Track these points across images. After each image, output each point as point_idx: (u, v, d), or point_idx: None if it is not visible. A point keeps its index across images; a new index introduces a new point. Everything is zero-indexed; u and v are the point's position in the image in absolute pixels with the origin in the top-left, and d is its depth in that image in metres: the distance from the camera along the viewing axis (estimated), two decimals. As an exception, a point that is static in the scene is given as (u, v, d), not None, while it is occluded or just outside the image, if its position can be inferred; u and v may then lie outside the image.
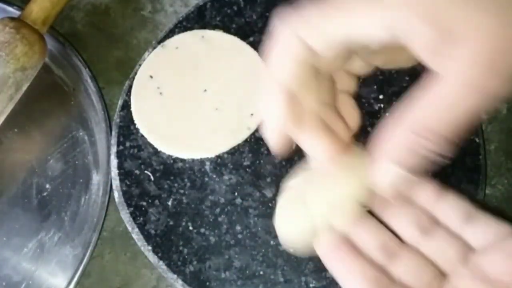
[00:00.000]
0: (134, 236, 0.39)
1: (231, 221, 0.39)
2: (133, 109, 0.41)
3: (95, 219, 0.40)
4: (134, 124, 0.41)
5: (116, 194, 0.40)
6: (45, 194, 0.42)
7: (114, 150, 0.41)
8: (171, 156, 0.40)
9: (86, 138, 0.43)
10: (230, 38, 0.43)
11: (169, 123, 0.41)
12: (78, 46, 0.46)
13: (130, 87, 0.42)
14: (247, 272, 0.37)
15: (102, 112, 0.43)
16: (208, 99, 0.41)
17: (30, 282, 0.40)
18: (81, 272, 0.39)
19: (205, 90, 0.41)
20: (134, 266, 0.40)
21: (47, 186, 0.42)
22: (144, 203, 0.39)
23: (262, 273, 0.37)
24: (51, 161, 0.43)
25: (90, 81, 0.43)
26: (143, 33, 0.47)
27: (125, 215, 0.39)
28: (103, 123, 0.42)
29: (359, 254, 0.26)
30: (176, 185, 0.40)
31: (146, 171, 0.40)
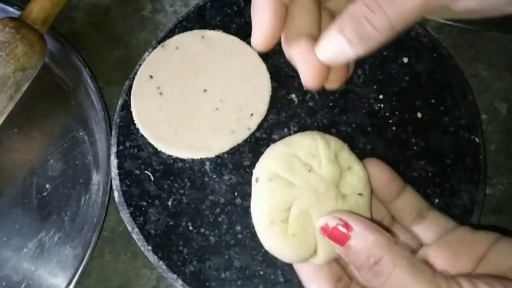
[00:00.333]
0: (134, 236, 0.39)
1: (231, 221, 0.39)
2: (133, 109, 0.41)
3: (95, 219, 0.40)
4: (134, 124, 0.41)
5: (116, 194, 0.40)
6: (45, 194, 0.42)
7: (114, 150, 0.41)
8: (171, 156, 0.40)
9: (86, 138, 0.43)
10: (230, 38, 0.43)
11: (169, 123, 0.41)
12: (78, 46, 0.46)
13: (130, 87, 0.42)
14: (247, 272, 0.37)
15: (102, 112, 0.43)
16: (208, 99, 0.41)
17: (30, 282, 0.40)
18: (81, 272, 0.39)
19: (205, 90, 0.41)
20: (134, 266, 0.40)
21: (47, 186, 0.42)
22: (144, 203, 0.39)
23: (262, 273, 0.37)
24: (51, 161, 0.43)
25: (90, 81, 0.43)
26: (143, 33, 0.47)
27: (125, 215, 0.39)
28: (103, 123, 0.42)
29: None
30: (176, 185, 0.40)
31: (146, 171, 0.40)
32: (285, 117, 0.41)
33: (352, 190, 0.30)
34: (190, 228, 0.39)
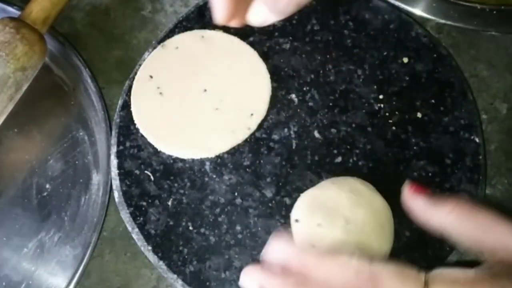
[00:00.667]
0: (134, 236, 0.39)
1: (231, 221, 0.39)
2: (133, 109, 0.41)
3: (95, 219, 0.40)
4: (134, 124, 0.41)
5: (116, 194, 0.40)
6: (45, 194, 0.42)
7: (114, 150, 0.41)
8: (171, 156, 0.40)
9: (86, 138, 0.43)
10: (230, 38, 0.43)
11: (169, 123, 0.41)
12: (78, 46, 0.46)
13: (130, 87, 0.42)
14: (247, 272, 0.37)
15: (102, 112, 0.43)
16: (208, 99, 0.41)
17: (30, 282, 0.40)
18: (81, 272, 0.39)
19: (205, 90, 0.41)
20: (134, 266, 0.40)
21: (47, 186, 0.42)
22: (144, 203, 0.39)
23: (262, 273, 0.37)
24: (51, 161, 0.43)
25: (90, 81, 0.43)
26: (143, 33, 0.47)
27: (125, 215, 0.39)
28: (103, 123, 0.42)
29: None
30: (176, 185, 0.40)
31: (146, 171, 0.40)
32: (285, 117, 0.41)
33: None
34: (190, 228, 0.39)
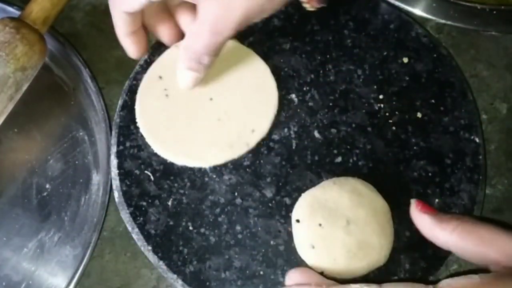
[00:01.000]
0: (134, 236, 0.39)
1: (231, 221, 0.39)
2: (136, 107, 0.41)
3: (95, 219, 0.40)
4: (134, 124, 0.41)
5: (116, 194, 0.40)
6: (45, 194, 0.42)
7: (114, 150, 0.41)
8: (171, 156, 0.40)
9: (86, 138, 0.43)
10: (245, 50, 0.42)
11: (169, 127, 0.40)
12: (78, 46, 0.46)
13: (130, 87, 0.42)
14: (247, 272, 0.37)
15: (102, 112, 0.43)
16: (212, 109, 0.41)
17: (30, 282, 0.40)
18: (81, 272, 0.39)
19: (211, 99, 0.41)
20: (134, 266, 0.40)
21: (47, 186, 0.42)
22: (144, 203, 0.39)
23: (262, 273, 0.37)
24: (51, 161, 0.43)
25: (90, 81, 0.43)
26: (143, 33, 0.47)
27: (125, 215, 0.39)
28: (103, 123, 0.42)
29: None
30: (176, 185, 0.40)
31: (146, 171, 0.40)
32: (285, 117, 0.41)
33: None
34: (190, 228, 0.39)
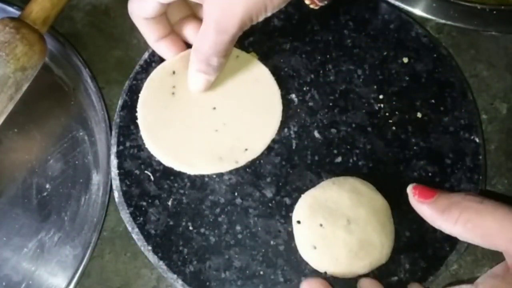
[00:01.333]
0: (134, 236, 0.39)
1: (231, 221, 0.39)
2: (141, 95, 0.40)
3: (95, 219, 0.40)
4: (134, 124, 0.41)
5: (116, 194, 0.40)
6: (45, 194, 0.42)
7: (114, 150, 0.41)
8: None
9: (86, 138, 0.43)
10: (261, 68, 0.41)
11: (165, 125, 0.39)
12: (78, 46, 0.46)
13: (130, 87, 0.42)
14: (247, 272, 0.37)
15: (102, 112, 0.43)
16: (213, 118, 0.40)
17: (30, 282, 0.40)
18: (81, 272, 0.39)
19: (214, 108, 0.40)
20: (134, 266, 0.40)
21: (47, 186, 0.42)
22: (144, 203, 0.39)
23: (262, 273, 0.37)
24: (51, 161, 0.43)
25: (90, 81, 0.43)
26: (143, 33, 0.47)
27: (125, 215, 0.39)
28: (103, 123, 0.42)
29: None
30: (176, 185, 0.40)
31: (146, 171, 0.40)
32: (285, 117, 0.41)
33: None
34: (190, 228, 0.39)
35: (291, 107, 0.42)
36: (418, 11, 0.45)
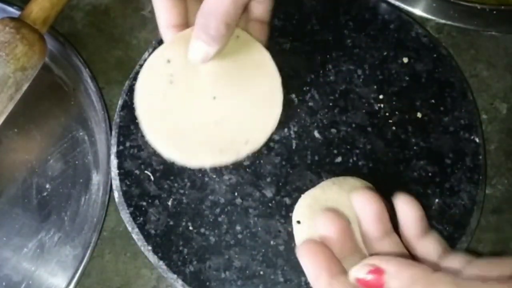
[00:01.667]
0: (134, 236, 0.39)
1: (231, 221, 0.39)
2: (137, 85, 0.37)
3: (95, 219, 0.40)
4: (134, 124, 0.41)
5: (116, 194, 0.40)
6: (45, 194, 0.42)
7: (114, 150, 0.41)
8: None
9: (86, 138, 0.43)
10: (261, 52, 0.38)
11: (164, 116, 0.37)
12: (78, 46, 0.46)
13: (130, 87, 0.42)
14: (247, 272, 0.37)
15: (102, 112, 0.43)
16: (213, 109, 0.37)
17: (30, 282, 0.40)
18: (81, 272, 0.39)
19: (214, 98, 0.37)
20: (134, 266, 0.40)
21: (47, 186, 0.42)
22: (144, 203, 0.39)
23: (262, 273, 0.37)
24: (51, 161, 0.43)
25: (90, 81, 0.43)
26: (143, 33, 0.47)
27: (125, 215, 0.39)
28: (103, 123, 0.42)
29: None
30: (176, 185, 0.40)
31: (146, 171, 0.40)
32: (285, 117, 0.41)
33: None
34: (190, 228, 0.39)
35: (291, 107, 0.42)
36: (418, 11, 0.45)
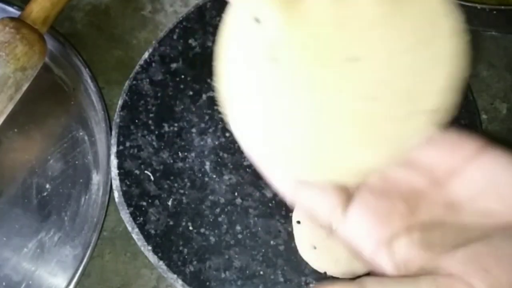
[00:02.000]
0: (134, 236, 0.39)
1: (231, 221, 0.39)
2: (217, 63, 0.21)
3: (95, 219, 0.40)
4: (134, 124, 0.41)
5: (116, 194, 0.40)
6: (45, 194, 0.42)
7: (114, 150, 0.41)
8: (171, 156, 0.40)
9: (86, 138, 0.43)
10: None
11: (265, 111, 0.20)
12: (78, 46, 0.46)
13: (130, 87, 0.42)
14: (247, 272, 0.37)
15: (102, 112, 0.43)
16: (359, 78, 0.19)
17: (30, 282, 0.40)
18: (81, 272, 0.39)
19: (357, 59, 0.19)
20: (134, 266, 0.40)
21: (47, 186, 0.42)
22: (144, 203, 0.39)
23: (262, 273, 0.37)
24: (51, 161, 0.43)
25: (90, 81, 0.43)
26: (143, 33, 0.47)
27: (125, 215, 0.39)
28: (103, 123, 0.42)
29: None
30: (176, 185, 0.40)
31: (146, 171, 0.40)
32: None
33: None
34: (190, 228, 0.39)
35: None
36: (418, 11, 0.45)
